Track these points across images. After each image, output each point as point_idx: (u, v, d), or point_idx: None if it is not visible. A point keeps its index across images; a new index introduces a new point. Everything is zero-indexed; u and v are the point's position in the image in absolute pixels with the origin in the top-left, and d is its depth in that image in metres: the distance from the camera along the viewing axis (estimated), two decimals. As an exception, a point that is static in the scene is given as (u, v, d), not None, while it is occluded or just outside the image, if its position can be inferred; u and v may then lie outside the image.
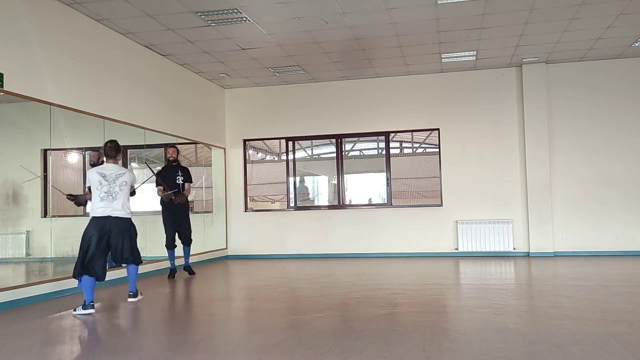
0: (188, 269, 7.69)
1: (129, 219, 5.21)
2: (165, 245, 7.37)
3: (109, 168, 5.13)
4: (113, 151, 5.17)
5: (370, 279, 7.18)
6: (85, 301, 4.93)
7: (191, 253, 7.77)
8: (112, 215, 5.04)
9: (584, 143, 9.23)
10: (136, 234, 5.34)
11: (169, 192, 7.11)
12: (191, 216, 7.75)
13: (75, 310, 4.97)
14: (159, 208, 7.47)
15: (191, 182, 7.43)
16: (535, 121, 9.25)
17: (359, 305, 5.22)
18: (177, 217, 7.32)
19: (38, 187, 6.47)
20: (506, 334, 3.85)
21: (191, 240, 7.59)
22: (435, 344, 3.61)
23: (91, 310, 4.88)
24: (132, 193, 5.46)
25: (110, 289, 6.52)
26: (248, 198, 10.55)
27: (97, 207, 5.03)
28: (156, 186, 7.29)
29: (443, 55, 8.68)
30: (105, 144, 5.25)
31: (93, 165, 6.57)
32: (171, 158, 7.38)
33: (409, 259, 9.21)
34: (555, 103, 9.31)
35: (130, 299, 5.54)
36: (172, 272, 7.44)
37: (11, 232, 6.29)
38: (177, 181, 7.23)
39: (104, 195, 5.02)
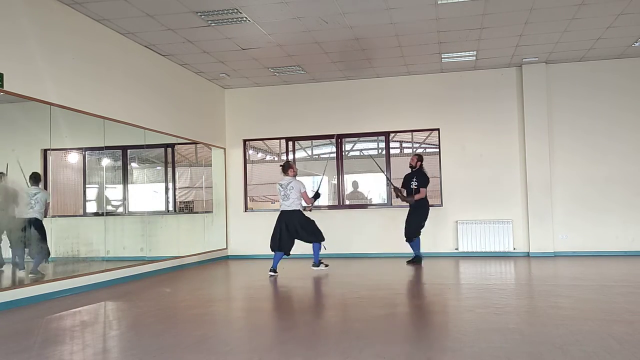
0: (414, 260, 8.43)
1: (297, 210, 7.37)
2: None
3: (284, 180, 7.44)
4: (283, 167, 7.55)
5: (371, 279, 7.19)
6: (271, 266, 7.40)
7: (191, 253, 7.78)
8: (286, 210, 7.37)
9: (584, 143, 9.21)
10: (306, 221, 7.42)
11: (400, 193, 8.58)
12: (192, 216, 7.77)
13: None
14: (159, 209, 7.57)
15: (424, 186, 8.35)
16: (536, 121, 9.24)
17: (359, 305, 5.22)
18: (408, 215, 8.50)
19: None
20: (506, 334, 3.84)
21: (408, 237, 8.42)
22: (436, 344, 3.61)
23: (273, 274, 7.32)
24: (317, 196, 7.66)
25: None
26: (248, 198, 10.54)
27: (281, 205, 7.45)
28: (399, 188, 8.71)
29: (443, 55, 8.68)
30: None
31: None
32: (410, 165, 8.53)
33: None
34: (556, 103, 9.30)
35: (313, 267, 7.76)
36: (417, 259, 8.44)
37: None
38: (411, 185, 8.39)
39: (282, 197, 7.40)
